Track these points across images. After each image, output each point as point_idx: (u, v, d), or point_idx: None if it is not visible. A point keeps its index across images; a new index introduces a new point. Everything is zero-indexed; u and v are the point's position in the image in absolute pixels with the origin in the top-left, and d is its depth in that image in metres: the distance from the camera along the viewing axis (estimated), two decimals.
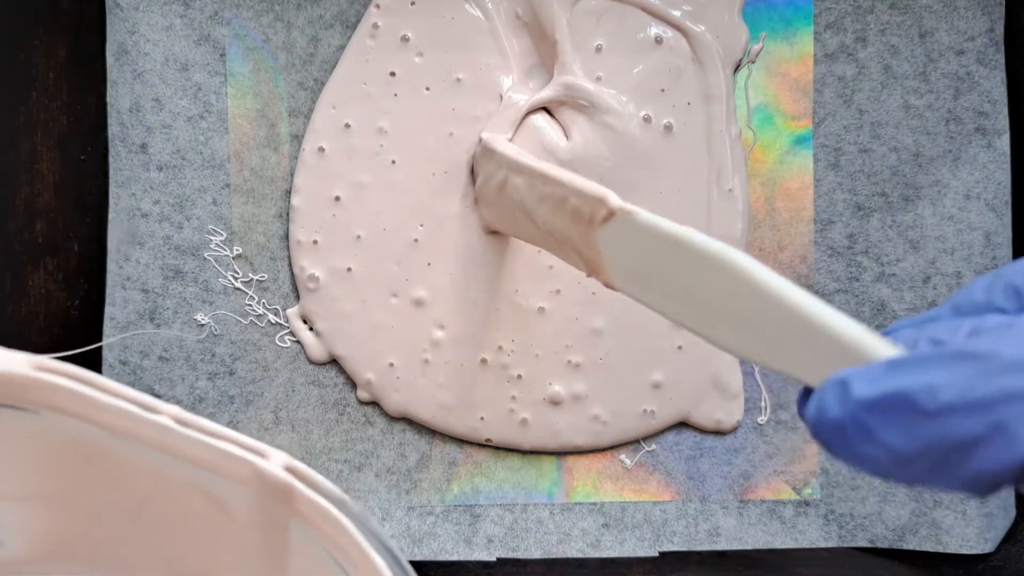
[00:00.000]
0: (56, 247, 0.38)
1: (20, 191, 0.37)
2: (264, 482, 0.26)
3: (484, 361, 0.38)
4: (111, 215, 0.38)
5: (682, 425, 0.39)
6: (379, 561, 0.25)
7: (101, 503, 0.29)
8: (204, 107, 0.38)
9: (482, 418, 0.39)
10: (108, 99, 0.38)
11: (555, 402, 0.39)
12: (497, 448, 0.39)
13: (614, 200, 0.27)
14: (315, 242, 0.38)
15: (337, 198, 0.38)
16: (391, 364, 0.38)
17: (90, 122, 0.38)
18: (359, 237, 0.38)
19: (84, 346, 0.37)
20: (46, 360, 0.25)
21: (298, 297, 0.39)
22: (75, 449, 0.27)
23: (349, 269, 0.38)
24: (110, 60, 0.37)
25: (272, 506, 0.26)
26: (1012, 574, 0.38)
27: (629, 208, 0.26)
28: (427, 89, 0.38)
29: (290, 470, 0.25)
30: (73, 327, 0.38)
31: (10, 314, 0.37)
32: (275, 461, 0.25)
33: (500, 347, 0.38)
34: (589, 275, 0.29)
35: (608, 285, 0.28)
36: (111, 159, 0.38)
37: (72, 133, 0.38)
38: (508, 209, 0.34)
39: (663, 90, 0.38)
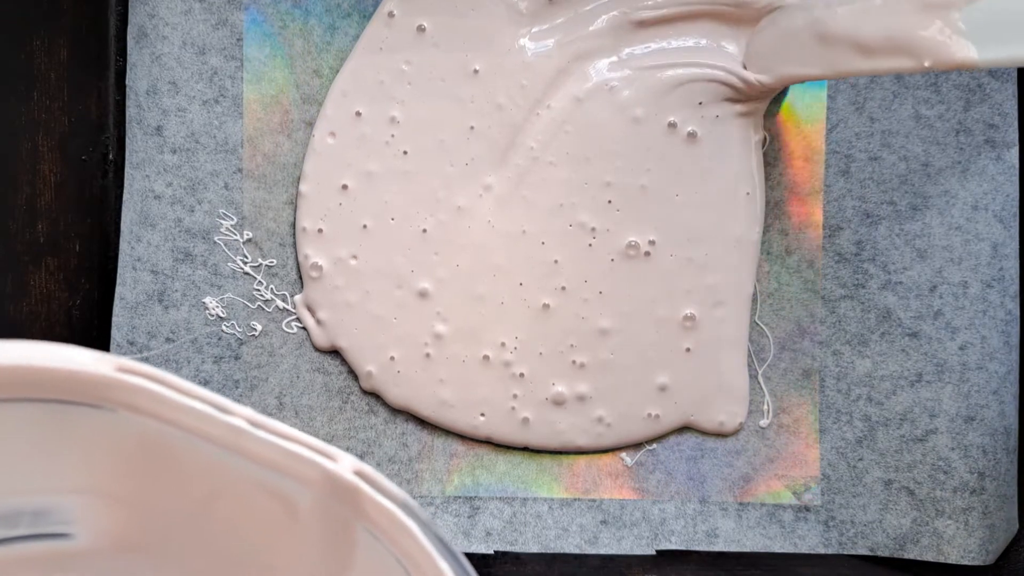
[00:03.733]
0: (57, 247, 0.38)
1: (21, 191, 0.38)
2: (332, 484, 0.26)
3: (486, 358, 0.38)
4: (125, 196, 0.38)
5: (685, 427, 0.39)
6: (444, 566, 0.25)
7: (168, 500, 0.29)
8: (219, 91, 0.38)
9: (483, 416, 0.38)
10: (127, 81, 0.38)
11: (558, 402, 0.38)
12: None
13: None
14: (320, 230, 0.38)
15: (345, 186, 0.38)
16: (392, 357, 0.38)
17: (91, 122, 0.38)
18: (365, 227, 0.38)
19: (84, 346, 0.37)
20: (127, 361, 0.26)
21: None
22: (146, 447, 0.28)
23: (354, 259, 0.38)
24: (130, 43, 0.38)
25: (338, 508, 0.27)
26: None
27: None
28: (442, 80, 0.38)
29: (358, 473, 0.26)
30: (74, 327, 0.38)
31: (11, 314, 0.37)
32: (344, 464, 0.26)
33: (503, 344, 0.38)
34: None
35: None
36: (127, 141, 0.38)
37: (73, 133, 0.38)
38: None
39: (700, 103, 0.38)
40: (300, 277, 0.39)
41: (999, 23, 0.27)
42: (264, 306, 0.39)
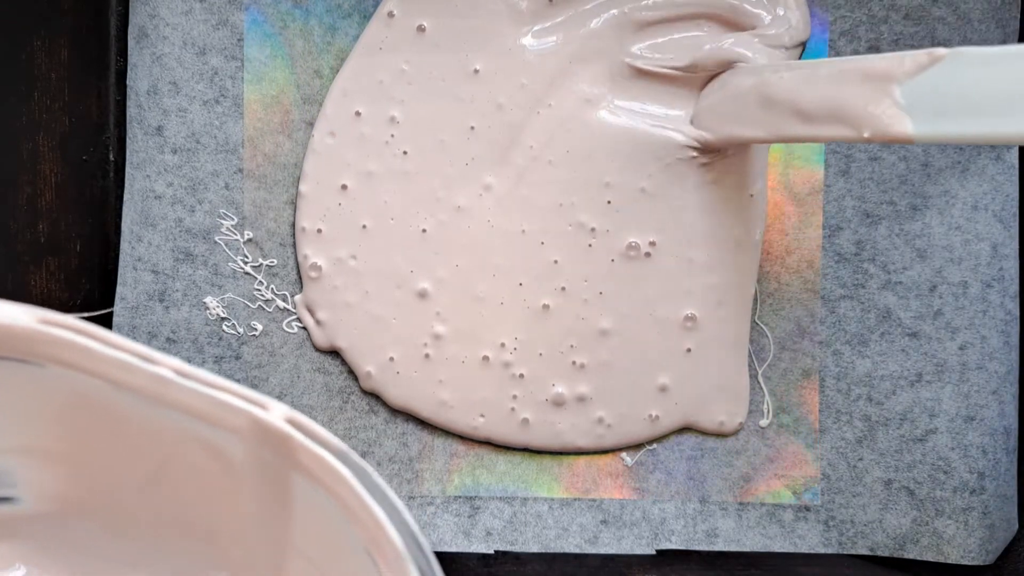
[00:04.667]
0: (58, 247, 0.38)
1: (22, 191, 0.38)
2: (263, 433, 0.26)
3: (486, 359, 0.38)
4: (126, 196, 0.38)
5: (685, 428, 0.39)
6: (380, 513, 0.24)
7: (109, 461, 0.29)
8: (220, 91, 0.38)
9: (482, 416, 0.38)
10: (128, 81, 0.38)
11: (558, 403, 0.38)
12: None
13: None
14: (319, 231, 0.38)
15: (344, 186, 0.38)
16: (392, 358, 0.38)
17: (92, 122, 0.38)
18: (365, 227, 0.38)
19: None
20: (50, 313, 0.26)
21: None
22: (81, 405, 0.28)
23: (353, 259, 0.38)
24: (131, 43, 0.38)
25: (272, 458, 0.26)
26: None
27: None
28: (442, 80, 0.38)
29: (291, 422, 0.25)
30: None
31: None
32: (275, 412, 0.25)
33: (502, 344, 0.38)
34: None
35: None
36: (128, 141, 0.38)
37: (74, 134, 0.38)
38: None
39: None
40: (300, 277, 0.39)
41: (936, 100, 0.27)
42: (265, 306, 0.39)
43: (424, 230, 0.38)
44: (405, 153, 0.38)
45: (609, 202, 0.38)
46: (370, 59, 0.38)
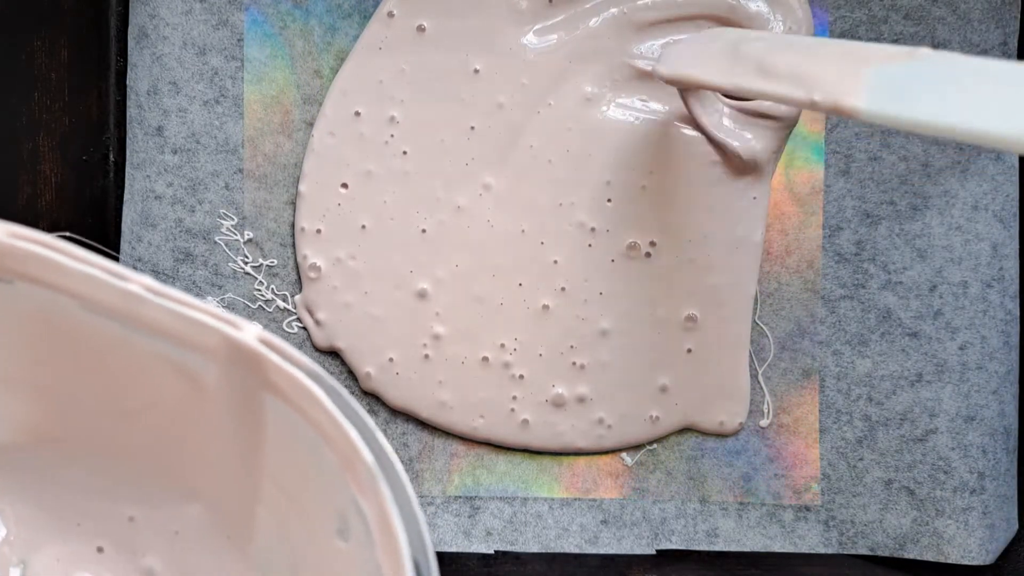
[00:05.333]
0: None
1: (22, 191, 0.38)
2: (236, 352, 0.25)
3: (485, 359, 0.38)
4: (126, 196, 0.38)
5: (685, 428, 0.39)
6: (352, 433, 0.24)
7: (78, 388, 0.29)
8: (220, 92, 0.38)
9: (482, 417, 0.38)
10: (128, 81, 0.38)
11: (558, 404, 0.38)
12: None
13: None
14: (319, 231, 0.38)
15: (344, 186, 0.38)
16: (391, 359, 0.38)
17: (92, 123, 0.39)
18: (364, 227, 0.38)
19: None
20: (19, 228, 0.25)
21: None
22: (50, 328, 0.27)
23: (352, 259, 0.38)
24: (131, 43, 0.38)
25: (244, 378, 0.26)
26: None
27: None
28: (442, 80, 0.38)
29: (263, 341, 0.25)
30: None
31: None
32: (248, 332, 0.25)
33: (502, 345, 0.38)
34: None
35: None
36: (128, 141, 0.38)
37: (74, 134, 0.38)
38: None
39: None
40: (300, 277, 0.39)
41: (899, 87, 0.26)
42: (265, 306, 0.39)
43: (424, 230, 0.38)
44: (405, 153, 0.38)
45: (609, 201, 0.38)
46: (370, 59, 0.38)
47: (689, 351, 0.38)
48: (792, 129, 0.37)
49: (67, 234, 0.37)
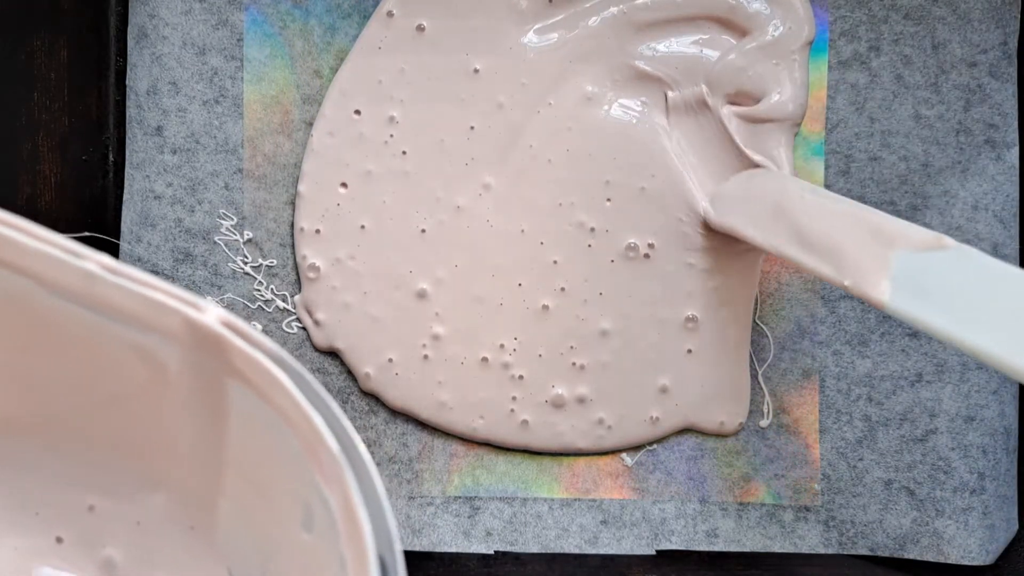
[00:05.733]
0: None
1: (22, 192, 0.38)
2: (198, 336, 0.25)
3: (485, 360, 0.38)
4: (125, 196, 0.38)
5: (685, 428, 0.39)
6: (317, 420, 0.24)
7: (38, 373, 0.28)
8: (220, 91, 0.38)
9: (481, 418, 0.38)
10: (127, 81, 0.38)
11: (557, 404, 0.38)
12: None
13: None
14: (318, 231, 0.38)
15: (343, 186, 0.38)
16: (390, 359, 0.38)
17: (92, 123, 0.38)
18: (363, 227, 0.38)
19: None
20: None
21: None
22: (8, 311, 0.26)
23: (352, 259, 0.38)
24: (130, 43, 0.38)
25: (206, 362, 0.25)
26: None
27: None
28: (442, 80, 0.38)
29: (226, 324, 0.24)
30: None
31: None
32: (210, 314, 0.24)
33: (502, 345, 0.38)
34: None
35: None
36: (127, 141, 0.38)
37: (74, 134, 0.38)
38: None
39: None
40: (299, 277, 0.39)
41: (923, 282, 0.27)
42: (264, 306, 0.39)
43: (423, 230, 0.38)
44: (404, 153, 0.38)
45: (609, 201, 0.38)
46: (369, 59, 0.38)
47: (689, 352, 0.38)
48: (799, 127, 0.38)
49: (75, 235, 0.37)
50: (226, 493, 0.28)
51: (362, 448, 0.25)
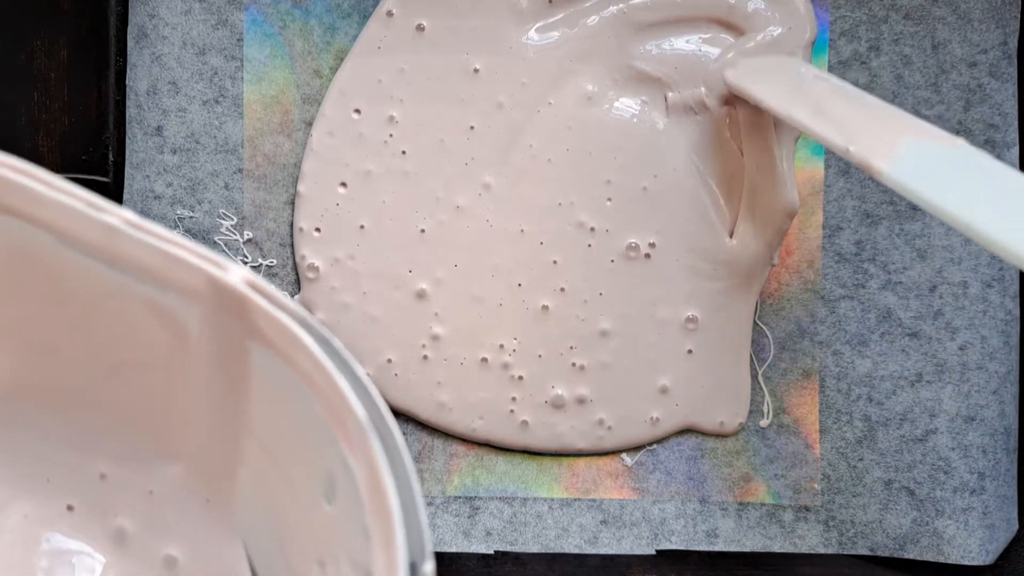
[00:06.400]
0: None
1: None
2: (221, 295, 0.24)
3: (484, 360, 0.38)
4: (125, 196, 0.38)
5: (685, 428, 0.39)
6: (343, 384, 0.22)
7: (53, 333, 0.27)
8: (219, 91, 0.38)
9: (481, 419, 0.38)
10: (127, 81, 0.38)
11: (557, 405, 0.38)
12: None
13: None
14: (317, 230, 0.38)
15: (343, 186, 0.38)
16: (389, 360, 0.38)
17: (91, 122, 0.38)
18: (363, 227, 0.38)
19: None
20: None
21: None
22: (24, 266, 0.26)
23: (351, 259, 0.38)
24: (130, 43, 0.38)
25: (228, 324, 0.24)
26: None
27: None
28: (442, 80, 0.38)
29: (250, 284, 0.24)
30: None
31: None
32: (234, 274, 0.24)
33: (501, 346, 0.38)
34: None
35: None
36: (127, 141, 0.38)
37: (73, 133, 0.38)
38: None
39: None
40: (299, 277, 0.39)
41: (931, 165, 0.27)
42: None
43: (423, 230, 0.38)
44: (404, 153, 0.38)
45: (609, 200, 0.38)
46: (369, 59, 0.38)
47: (689, 352, 0.38)
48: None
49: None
50: (245, 463, 0.27)
51: (388, 415, 0.23)
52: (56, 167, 0.38)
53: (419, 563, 0.22)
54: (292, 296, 0.39)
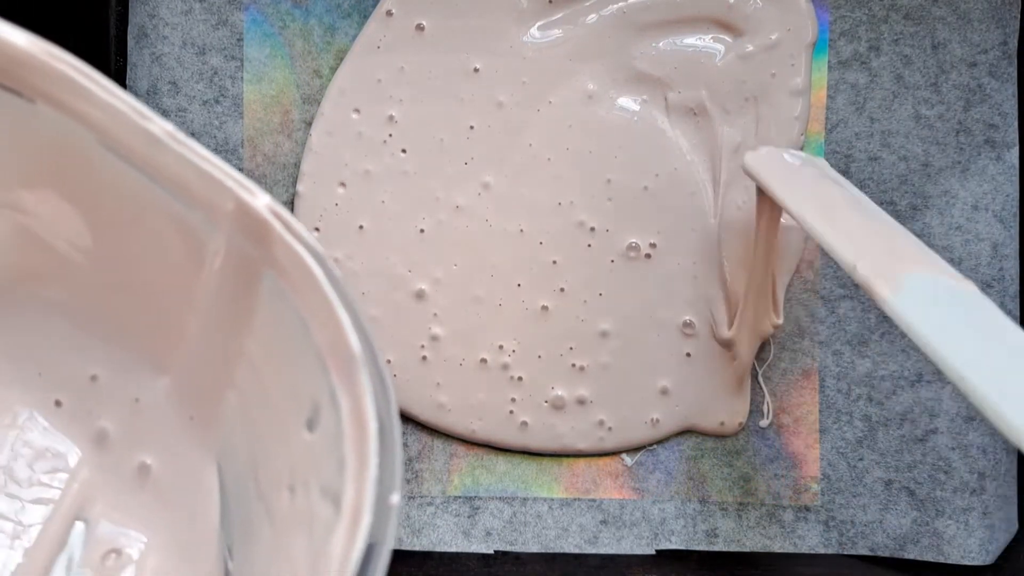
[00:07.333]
0: None
1: None
2: (244, 218, 0.25)
3: (484, 361, 0.38)
4: None
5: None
6: (344, 319, 0.24)
7: (75, 228, 0.28)
8: (220, 91, 0.38)
9: (480, 420, 0.38)
10: (127, 81, 0.38)
11: (557, 406, 0.38)
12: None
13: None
14: (316, 230, 0.38)
15: (343, 184, 0.38)
16: (388, 360, 0.38)
17: None
18: (362, 227, 0.38)
19: None
20: (55, 48, 0.25)
21: None
22: (63, 160, 0.26)
23: (350, 259, 0.38)
24: (130, 43, 0.38)
25: (247, 249, 0.25)
26: None
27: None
28: (441, 79, 0.38)
29: (273, 212, 0.25)
30: None
31: None
32: (260, 200, 0.25)
33: (501, 347, 0.38)
34: None
35: None
36: None
37: None
38: None
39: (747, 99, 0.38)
40: None
41: (934, 301, 0.27)
42: None
43: (422, 230, 0.38)
44: (403, 152, 0.38)
45: (610, 200, 0.38)
46: (368, 58, 0.38)
47: (689, 354, 0.38)
48: (804, 136, 0.38)
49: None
50: (235, 388, 0.28)
51: (381, 358, 0.24)
52: None
53: (387, 495, 0.23)
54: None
